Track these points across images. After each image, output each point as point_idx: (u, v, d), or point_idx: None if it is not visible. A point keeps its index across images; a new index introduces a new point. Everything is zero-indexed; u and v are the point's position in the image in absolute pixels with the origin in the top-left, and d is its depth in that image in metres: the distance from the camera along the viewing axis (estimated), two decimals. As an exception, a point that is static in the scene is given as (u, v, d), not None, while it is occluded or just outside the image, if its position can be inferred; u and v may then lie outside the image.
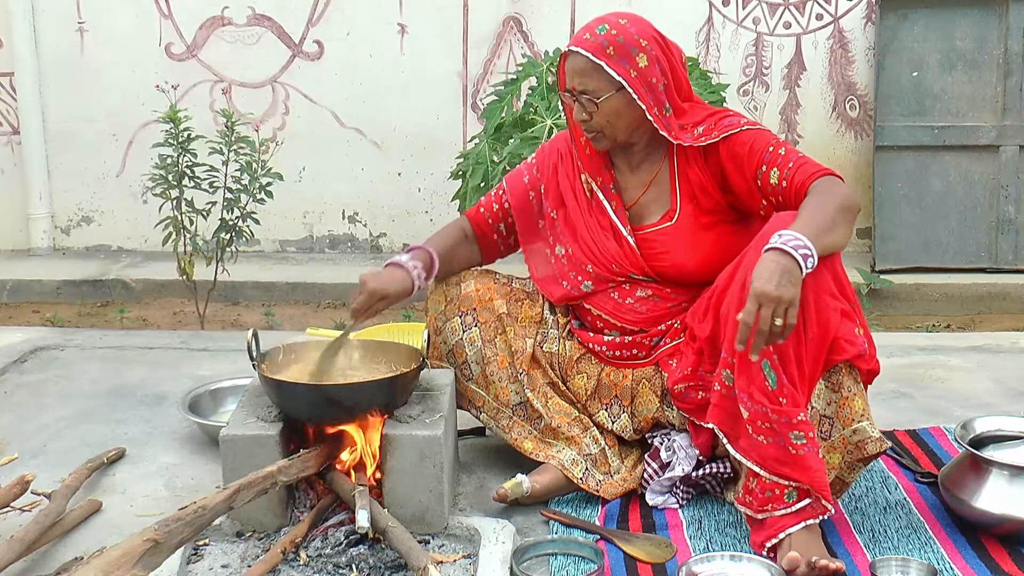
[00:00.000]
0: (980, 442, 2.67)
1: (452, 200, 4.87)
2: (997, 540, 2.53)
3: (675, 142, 2.72)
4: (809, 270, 2.34)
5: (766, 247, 2.36)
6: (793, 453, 2.43)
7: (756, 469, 2.48)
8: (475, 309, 2.87)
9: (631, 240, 2.79)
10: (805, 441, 2.42)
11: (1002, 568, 2.44)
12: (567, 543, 2.55)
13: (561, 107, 2.82)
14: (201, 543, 2.55)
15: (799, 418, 2.42)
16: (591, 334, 2.87)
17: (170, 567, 2.36)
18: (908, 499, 2.76)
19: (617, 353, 2.85)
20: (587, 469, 2.79)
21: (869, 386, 2.59)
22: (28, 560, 2.51)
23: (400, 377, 2.63)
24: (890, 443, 2.61)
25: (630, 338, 2.83)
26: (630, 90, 2.65)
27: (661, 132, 2.69)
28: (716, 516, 2.70)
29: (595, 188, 2.84)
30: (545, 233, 2.93)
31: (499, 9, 5.88)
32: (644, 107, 2.66)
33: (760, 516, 2.49)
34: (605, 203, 2.82)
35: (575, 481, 2.77)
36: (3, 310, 5.46)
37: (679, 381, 2.71)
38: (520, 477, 2.75)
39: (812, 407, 2.50)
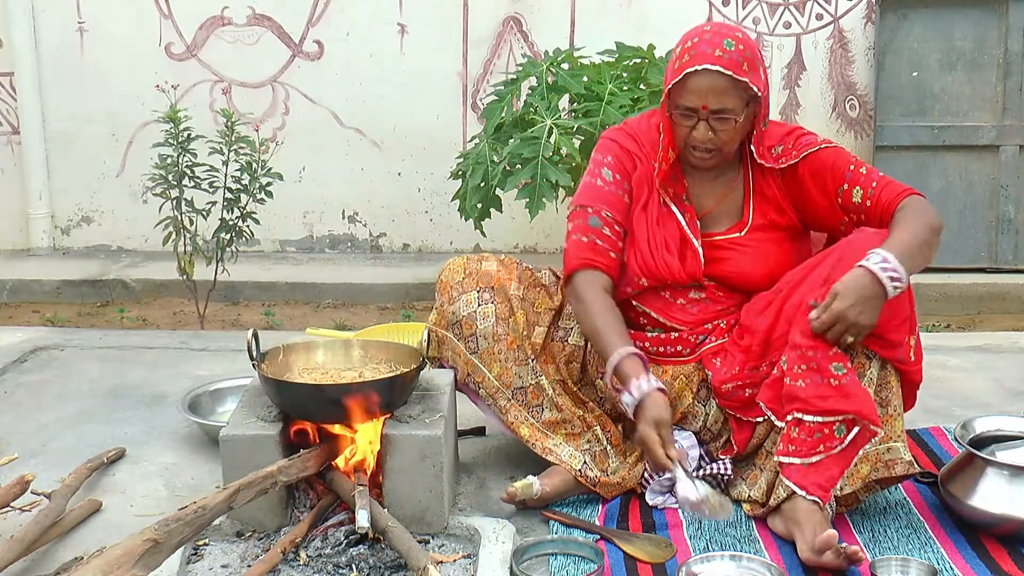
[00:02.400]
0: (980, 442, 2.67)
1: (452, 200, 4.88)
2: (997, 540, 2.54)
3: (760, 161, 2.74)
4: (893, 296, 2.45)
5: (860, 263, 2.45)
6: (835, 385, 2.50)
7: (801, 416, 2.53)
8: (493, 288, 2.83)
9: (699, 248, 2.77)
10: (845, 371, 2.51)
11: (1002, 568, 2.44)
12: (567, 543, 2.55)
13: (665, 124, 2.72)
14: (201, 543, 2.55)
15: (835, 351, 2.51)
16: (631, 331, 2.81)
17: (170, 567, 2.36)
18: (908, 499, 2.76)
19: (661, 349, 2.83)
20: (585, 463, 2.79)
21: (916, 391, 2.70)
22: (28, 560, 2.51)
23: (400, 377, 2.63)
24: (919, 468, 2.64)
25: (676, 335, 2.82)
26: (760, 106, 2.66)
27: (753, 149, 2.73)
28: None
29: (668, 200, 2.78)
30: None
31: (499, 9, 5.88)
32: (759, 117, 2.68)
33: (814, 459, 2.52)
34: (679, 215, 2.78)
35: (574, 474, 2.76)
36: (3, 310, 5.46)
37: (727, 380, 2.73)
38: (531, 479, 2.74)
39: None
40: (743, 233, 2.79)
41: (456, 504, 2.76)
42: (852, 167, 2.71)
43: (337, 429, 2.62)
